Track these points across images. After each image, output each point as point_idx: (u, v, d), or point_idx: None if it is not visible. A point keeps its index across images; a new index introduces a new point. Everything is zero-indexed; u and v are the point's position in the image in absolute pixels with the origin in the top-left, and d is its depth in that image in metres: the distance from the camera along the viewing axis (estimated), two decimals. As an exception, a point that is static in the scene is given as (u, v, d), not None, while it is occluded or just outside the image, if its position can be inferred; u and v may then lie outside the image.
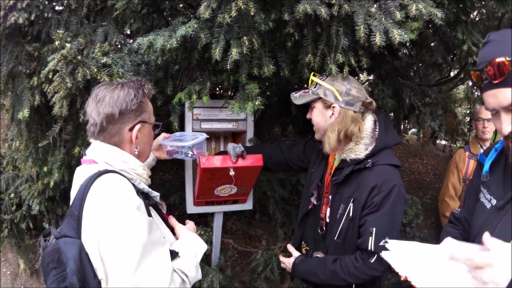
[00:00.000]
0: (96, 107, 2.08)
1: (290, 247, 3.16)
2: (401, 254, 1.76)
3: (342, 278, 2.66)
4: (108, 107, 2.05)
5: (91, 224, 1.80)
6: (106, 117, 2.06)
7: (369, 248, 2.54)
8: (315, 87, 2.78)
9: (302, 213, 3.16)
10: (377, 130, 2.74)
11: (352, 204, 2.65)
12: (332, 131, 2.67)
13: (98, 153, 2.11)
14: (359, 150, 2.67)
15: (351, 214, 2.66)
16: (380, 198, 2.54)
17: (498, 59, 1.63)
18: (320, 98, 2.73)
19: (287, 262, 3.08)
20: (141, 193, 2.09)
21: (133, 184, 2.03)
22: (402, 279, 1.63)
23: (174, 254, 1.98)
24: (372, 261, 2.56)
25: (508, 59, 1.61)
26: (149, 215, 1.99)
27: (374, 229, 2.54)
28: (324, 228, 2.90)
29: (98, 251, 1.76)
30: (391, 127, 2.87)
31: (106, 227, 1.76)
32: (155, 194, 2.20)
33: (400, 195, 2.57)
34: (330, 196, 2.86)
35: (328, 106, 2.72)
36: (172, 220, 2.37)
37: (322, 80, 2.75)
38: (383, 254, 1.79)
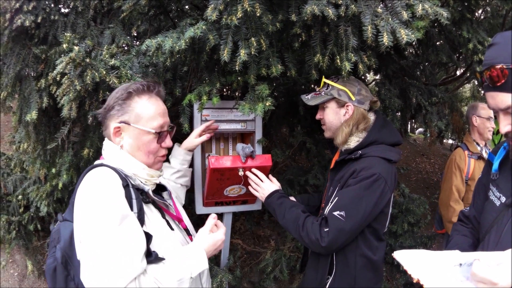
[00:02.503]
0: None
1: (271, 177, 3.21)
2: (413, 257, 1.78)
3: (297, 224, 2.75)
4: (104, 105, 2.20)
5: (75, 211, 1.91)
6: (102, 109, 2.20)
7: (325, 213, 2.73)
8: (327, 88, 2.94)
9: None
10: None
11: (338, 188, 2.81)
12: (347, 126, 2.87)
13: (103, 149, 2.23)
14: (351, 141, 2.89)
15: None
16: (355, 181, 2.65)
17: (497, 66, 1.70)
18: (334, 98, 2.90)
19: (267, 184, 3.10)
20: (136, 188, 2.09)
21: (126, 177, 2.06)
22: (414, 281, 1.65)
23: (156, 258, 1.94)
24: (325, 230, 2.62)
25: (505, 66, 1.68)
26: (140, 210, 2.00)
27: (336, 198, 2.72)
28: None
29: (78, 235, 1.89)
30: (391, 127, 3.01)
31: (80, 216, 1.86)
32: (147, 189, 2.16)
33: (377, 185, 2.63)
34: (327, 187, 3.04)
35: (341, 105, 2.91)
36: (210, 221, 2.26)
37: (335, 82, 2.92)
38: (395, 255, 1.81)
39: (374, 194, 2.62)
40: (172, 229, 2.22)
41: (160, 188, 2.43)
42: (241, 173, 3.10)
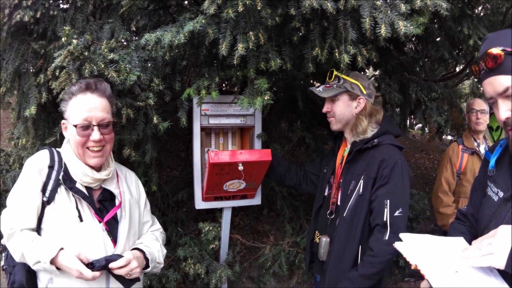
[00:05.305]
0: None
1: None
2: (413, 244, 1.84)
3: (370, 274, 2.76)
4: None
5: None
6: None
7: (385, 219, 2.74)
8: (338, 81, 2.99)
9: (315, 207, 3.31)
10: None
11: (362, 181, 2.86)
12: (364, 118, 2.98)
13: None
14: (368, 131, 2.98)
15: (361, 191, 2.86)
16: (388, 170, 2.78)
17: (493, 49, 1.76)
18: (347, 91, 2.95)
19: None
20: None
21: (59, 161, 2.43)
22: (412, 267, 1.71)
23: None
24: (386, 238, 2.71)
25: (501, 49, 1.74)
26: (53, 190, 2.32)
27: (388, 201, 2.75)
28: (333, 212, 3.06)
29: None
30: (393, 120, 3.22)
31: None
32: (55, 174, 2.39)
33: (405, 169, 2.83)
34: (341, 180, 3.05)
35: (353, 98, 2.98)
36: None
37: (347, 76, 2.99)
38: (396, 245, 1.87)
39: (407, 179, 2.83)
40: (81, 219, 2.33)
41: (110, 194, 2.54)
42: (240, 167, 3.10)
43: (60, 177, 2.33)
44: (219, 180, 3.26)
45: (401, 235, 2.02)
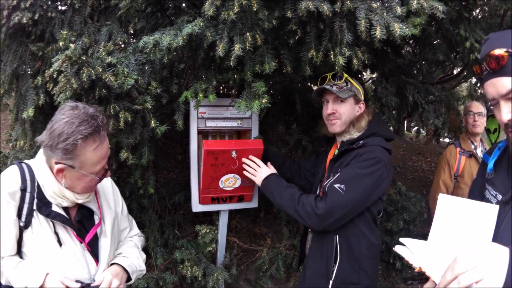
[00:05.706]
0: (48, 125, 2.15)
1: (269, 164, 3.34)
2: (414, 249, 1.83)
3: (293, 199, 2.91)
4: (45, 135, 2.12)
5: None
6: (40, 140, 2.15)
7: (324, 183, 2.92)
8: (347, 85, 3.04)
9: None
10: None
11: (339, 173, 2.88)
12: (365, 118, 3.07)
13: (38, 154, 2.31)
14: (354, 132, 3.04)
15: None
16: (358, 161, 2.81)
17: (496, 50, 1.74)
18: (355, 95, 3.05)
19: (264, 168, 3.25)
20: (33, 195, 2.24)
21: (31, 181, 2.23)
22: (416, 270, 1.71)
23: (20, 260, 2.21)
24: (319, 203, 2.77)
25: (505, 50, 1.72)
26: (28, 214, 2.19)
27: (338, 174, 2.85)
28: None
29: None
30: (385, 123, 3.29)
31: None
32: (28, 197, 2.24)
33: (378, 167, 2.79)
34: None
35: (357, 102, 3.10)
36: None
37: (353, 80, 3.08)
38: (396, 248, 1.87)
39: (374, 175, 2.76)
40: (60, 244, 2.25)
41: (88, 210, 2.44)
42: (234, 155, 3.14)
43: (35, 206, 2.20)
44: (214, 173, 3.30)
45: (440, 196, 2.08)
